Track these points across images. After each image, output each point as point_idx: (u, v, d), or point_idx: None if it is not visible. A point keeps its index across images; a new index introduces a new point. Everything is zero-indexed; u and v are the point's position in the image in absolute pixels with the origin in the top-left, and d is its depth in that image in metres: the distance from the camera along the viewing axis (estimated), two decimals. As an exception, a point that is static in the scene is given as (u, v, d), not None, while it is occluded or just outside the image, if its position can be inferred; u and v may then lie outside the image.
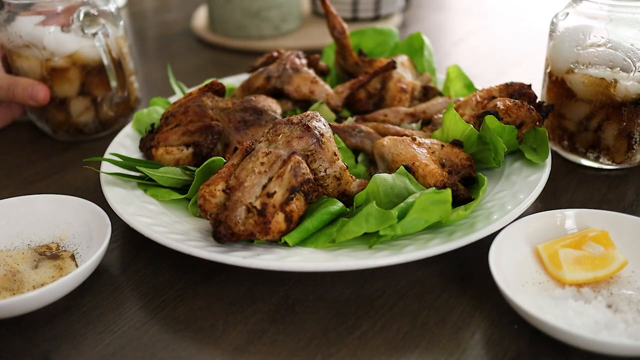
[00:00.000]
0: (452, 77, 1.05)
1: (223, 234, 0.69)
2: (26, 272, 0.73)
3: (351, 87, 1.01)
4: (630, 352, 0.59)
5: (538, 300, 0.66)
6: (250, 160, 0.74)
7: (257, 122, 0.90)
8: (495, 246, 0.69)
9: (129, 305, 0.71)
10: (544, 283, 0.69)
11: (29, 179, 0.99)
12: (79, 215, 0.80)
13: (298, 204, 0.72)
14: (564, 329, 0.59)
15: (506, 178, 0.83)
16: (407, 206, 0.71)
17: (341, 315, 0.69)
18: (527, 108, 0.84)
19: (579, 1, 0.89)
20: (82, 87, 1.04)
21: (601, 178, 0.93)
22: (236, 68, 1.40)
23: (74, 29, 1.00)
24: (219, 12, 1.57)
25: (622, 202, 0.87)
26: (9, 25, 0.99)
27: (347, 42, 1.07)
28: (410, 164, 0.79)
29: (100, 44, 1.00)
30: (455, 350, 0.64)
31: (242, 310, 0.70)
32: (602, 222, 0.74)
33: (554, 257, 0.70)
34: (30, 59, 1.00)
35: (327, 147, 0.76)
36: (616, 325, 0.62)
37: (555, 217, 0.75)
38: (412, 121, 0.96)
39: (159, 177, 0.83)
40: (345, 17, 1.64)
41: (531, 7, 1.86)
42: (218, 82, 0.94)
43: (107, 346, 0.65)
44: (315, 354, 0.64)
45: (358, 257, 0.69)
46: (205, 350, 0.65)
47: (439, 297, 0.71)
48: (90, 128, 1.08)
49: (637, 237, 0.72)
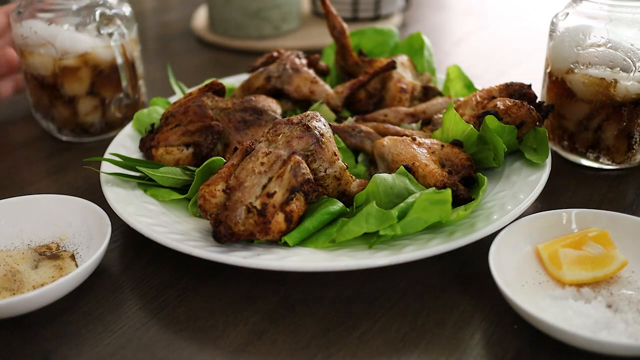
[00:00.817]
0: (452, 77, 1.05)
1: (223, 234, 0.69)
2: (26, 272, 0.73)
3: (351, 87, 1.01)
4: (630, 352, 0.59)
5: (538, 300, 0.66)
6: (250, 160, 0.74)
7: (257, 122, 0.90)
8: (495, 246, 0.69)
9: (129, 305, 0.71)
10: (544, 283, 0.69)
11: (29, 179, 0.99)
12: (79, 215, 0.80)
13: (298, 204, 0.72)
14: (564, 329, 0.59)
15: (506, 178, 0.83)
16: (407, 206, 0.72)
17: (341, 315, 0.69)
18: (527, 108, 0.84)
19: (579, 1, 0.89)
20: (92, 87, 1.04)
21: (601, 178, 0.93)
22: (236, 68, 1.40)
23: (89, 28, 1.00)
24: (219, 12, 1.57)
25: (622, 202, 0.87)
26: (23, 21, 1.00)
27: (347, 42, 1.07)
28: (410, 164, 0.79)
29: (116, 44, 1.01)
30: (455, 350, 0.64)
31: (242, 310, 0.70)
32: (602, 222, 0.74)
33: (554, 257, 0.70)
34: (43, 56, 1.00)
35: (327, 147, 0.76)
36: (616, 325, 0.62)
37: (555, 217, 0.75)
38: (412, 121, 0.96)
39: (159, 177, 0.83)
40: (345, 17, 1.64)
41: (531, 7, 1.86)
42: (218, 82, 0.94)
43: (107, 346, 0.65)
44: (315, 354, 0.64)
45: (358, 257, 0.69)
46: (205, 350, 0.65)
47: (439, 297, 0.71)
48: (96, 128, 1.08)
49: (637, 237, 0.72)
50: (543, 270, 0.71)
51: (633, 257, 0.71)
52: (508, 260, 0.70)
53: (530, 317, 0.61)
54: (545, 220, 0.75)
